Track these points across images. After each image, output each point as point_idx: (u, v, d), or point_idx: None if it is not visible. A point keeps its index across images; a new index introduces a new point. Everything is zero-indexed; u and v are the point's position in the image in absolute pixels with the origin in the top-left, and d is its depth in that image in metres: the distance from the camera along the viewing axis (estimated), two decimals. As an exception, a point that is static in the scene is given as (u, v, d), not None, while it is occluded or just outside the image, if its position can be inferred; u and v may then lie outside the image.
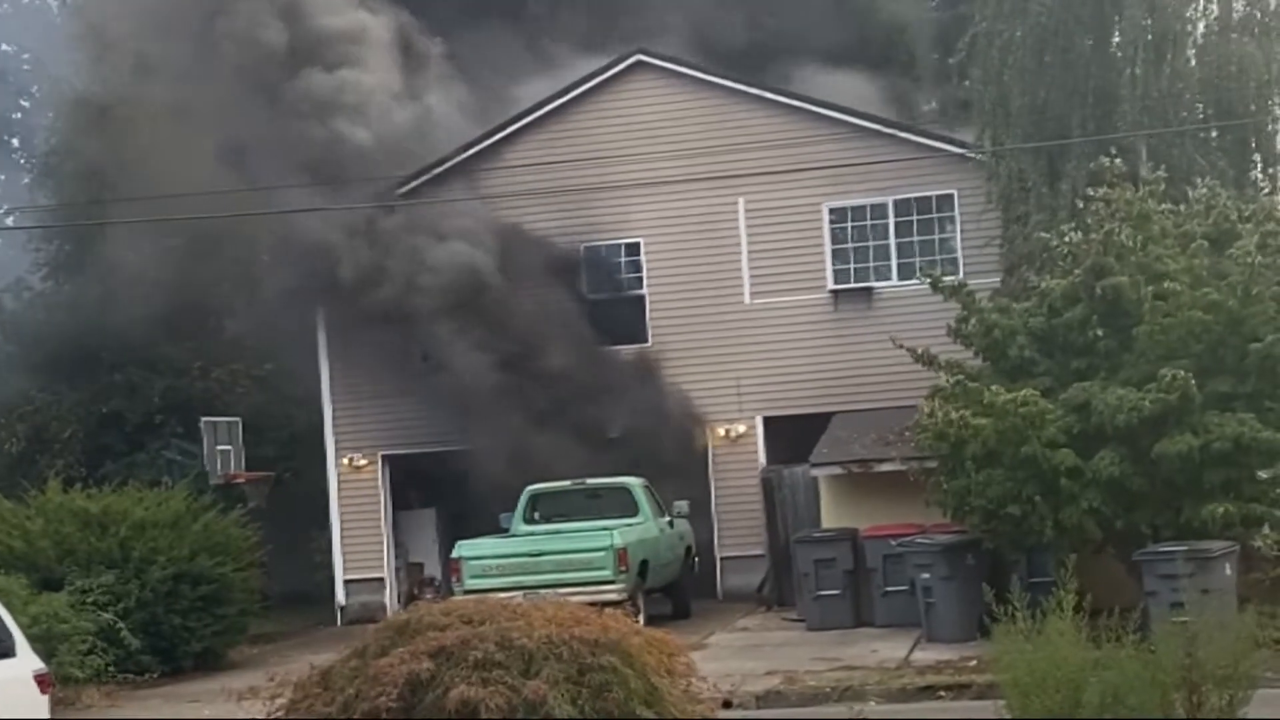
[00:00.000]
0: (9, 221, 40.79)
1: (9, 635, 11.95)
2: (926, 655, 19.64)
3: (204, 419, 29.40)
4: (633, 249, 28.56)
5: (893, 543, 22.25)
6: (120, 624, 22.01)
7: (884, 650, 20.24)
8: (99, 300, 31.40)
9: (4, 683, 11.48)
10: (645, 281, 28.46)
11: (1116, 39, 24.55)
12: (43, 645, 17.26)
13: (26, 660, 11.99)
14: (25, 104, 44.22)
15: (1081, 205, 21.97)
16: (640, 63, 28.69)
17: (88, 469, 29.97)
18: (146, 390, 31.88)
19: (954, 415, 19.68)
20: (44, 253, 34.61)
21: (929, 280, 21.96)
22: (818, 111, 27.76)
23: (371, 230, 27.75)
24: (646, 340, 28.28)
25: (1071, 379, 20.20)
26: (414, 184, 28.86)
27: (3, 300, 34.45)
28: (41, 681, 11.94)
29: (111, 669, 21.53)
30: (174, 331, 31.30)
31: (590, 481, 25.30)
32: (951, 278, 22.48)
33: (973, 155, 26.07)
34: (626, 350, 27.99)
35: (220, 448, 28.94)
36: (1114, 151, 21.60)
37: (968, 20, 27.01)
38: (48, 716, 12.09)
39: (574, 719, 8.58)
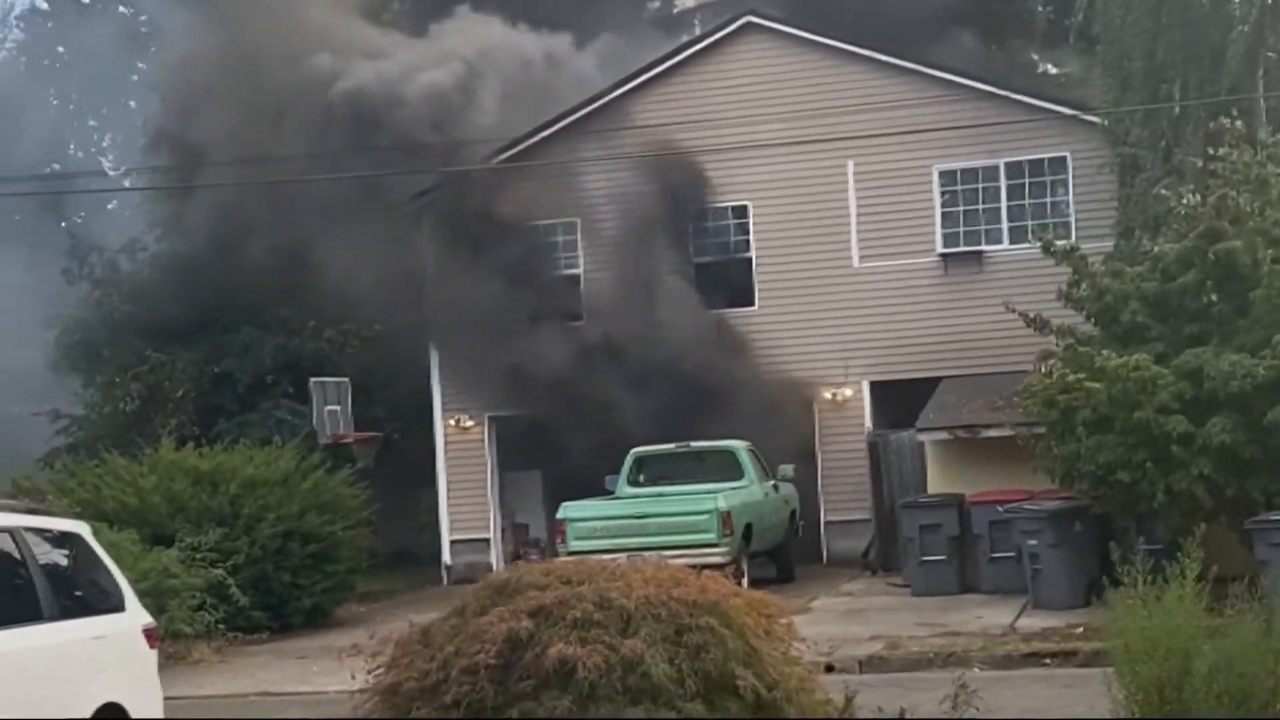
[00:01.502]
0: (125, 183, 41.42)
1: (118, 589, 12.08)
2: (1032, 622, 19.44)
3: (313, 379, 29.65)
4: (740, 212, 28.43)
5: (1000, 509, 22.02)
6: (230, 580, 22.26)
7: (989, 617, 20.05)
8: (212, 261, 31.72)
9: (112, 636, 11.60)
10: (753, 244, 28.33)
11: (1236, -1, 24.02)
12: (153, 601, 17.49)
13: (135, 614, 12.11)
14: (142, 66, 44.80)
15: (1200, 166, 21.55)
16: (750, 24, 28.52)
17: (200, 428, 30.31)
18: (258, 350, 32.18)
19: (1065, 380, 19.42)
20: (158, 213, 35.00)
21: (1041, 243, 21.65)
22: (928, 73, 27.47)
23: (482, 189, 27.87)
24: (753, 304, 28.16)
25: (1184, 345, 19.85)
26: (526, 144, 28.88)
27: (119, 261, 34.89)
28: (149, 636, 12.07)
29: (221, 625, 21.75)
30: (286, 292, 31.55)
31: (695, 444, 25.24)
32: (1064, 241, 22.15)
33: (1087, 117, 25.65)
34: (733, 313, 27.87)
35: (329, 408, 29.19)
36: (1234, 113, 21.16)
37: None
38: (155, 670, 12.20)
39: (671, 678, 8.54)
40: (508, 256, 27.98)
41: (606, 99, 28.80)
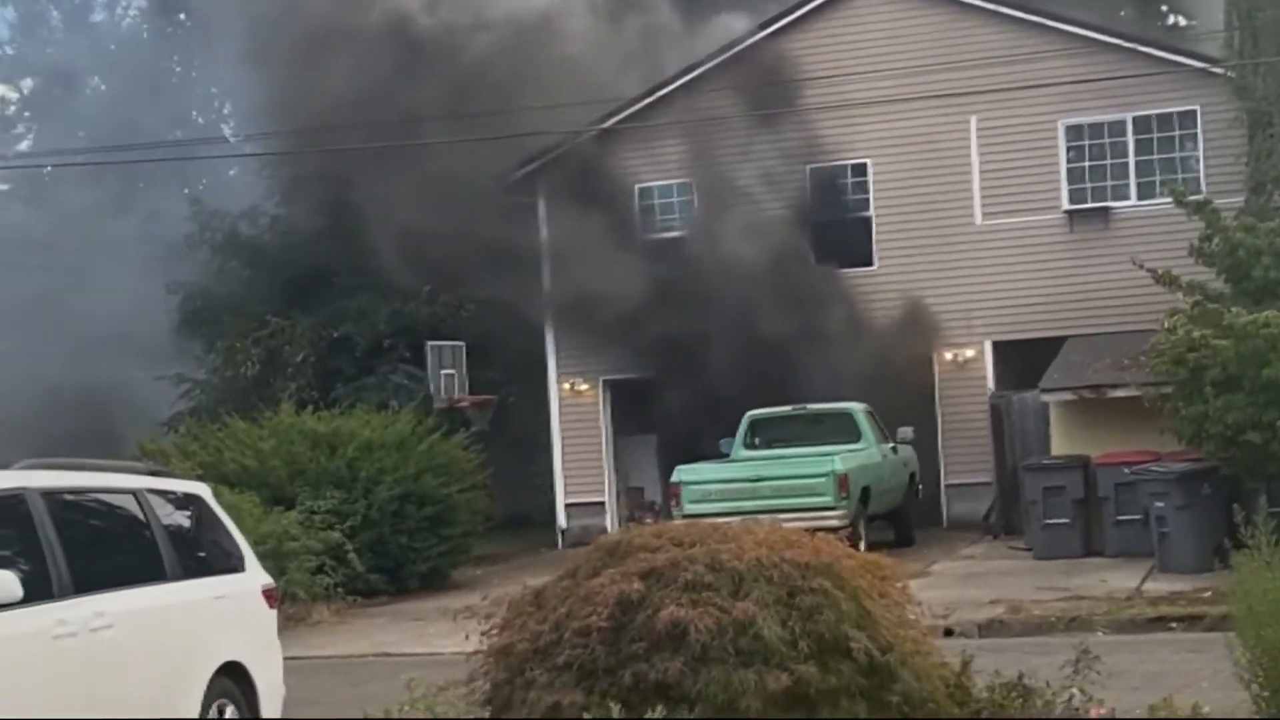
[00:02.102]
0: (246, 149, 41.74)
1: (238, 550, 12.14)
2: (1158, 586, 18.99)
3: (430, 343, 29.75)
4: (859, 170, 28.06)
5: (1126, 470, 21.55)
6: (348, 544, 22.36)
7: (1113, 580, 19.62)
8: (330, 226, 31.93)
9: (234, 596, 11.66)
10: (872, 203, 27.95)
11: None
12: (272, 563, 17.58)
13: (255, 575, 12.17)
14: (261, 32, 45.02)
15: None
16: (870, -22, 28.11)
17: (319, 392, 30.55)
18: (374, 315, 32.36)
19: (1193, 337, 18.94)
20: (278, 179, 35.24)
21: (1172, 195, 21.11)
22: (1053, 25, 26.91)
23: (596, 151, 27.76)
24: (873, 263, 27.80)
25: (1318, 302, 19.31)
26: (640, 104, 28.70)
27: (240, 226, 35.20)
28: (269, 596, 12.11)
29: (339, 588, 21.89)
30: (402, 257, 31.64)
31: (812, 407, 24.97)
32: (1194, 195, 21.60)
33: (1217, 70, 24.97)
34: (851, 273, 27.53)
35: (445, 372, 29.27)
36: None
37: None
38: (275, 630, 12.25)
39: (783, 641, 8.37)
40: (621, 218, 27.84)
41: (722, 58, 28.48)
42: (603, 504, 29.22)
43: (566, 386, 29.40)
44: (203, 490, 12.34)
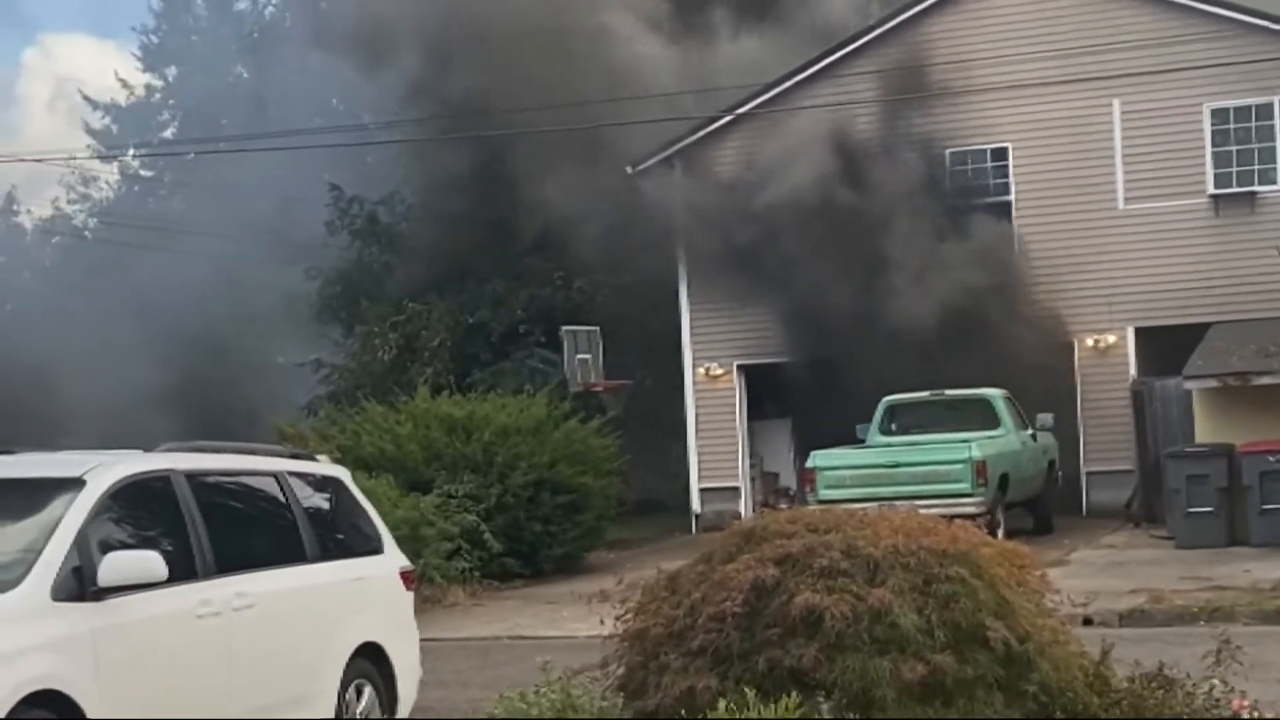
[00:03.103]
0: (380, 136, 42.16)
1: (376, 533, 12.26)
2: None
3: (565, 328, 29.87)
4: (1000, 154, 27.75)
5: (1271, 459, 21.17)
6: (484, 527, 22.49)
7: (1257, 571, 19.22)
8: (467, 213, 32.15)
9: (372, 578, 11.78)
10: (1013, 188, 27.64)
11: None
12: (409, 547, 17.69)
13: (393, 557, 12.29)
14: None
15: None
16: (1011, -39, 27.75)
17: (455, 377, 30.76)
18: (511, 301, 32.54)
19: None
20: (416, 166, 35.53)
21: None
22: (1199, 8, 26.37)
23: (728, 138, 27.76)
24: (1013, 248, 27.46)
25: None
26: (778, 89, 28.59)
27: (378, 213, 35.56)
28: (406, 578, 12.22)
29: (475, 571, 22.01)
30: (540, 243, 31.83)
31: (949, 393, 24.73)
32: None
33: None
34: (995, 258, 27.21)
35: (580, 356, 29.39)
36: None
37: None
38: (412, 612, 12.36)
39: (919, 629, 8.29)
40: (760, 203, 27.75)
41: (866, 38, 28.32)
42: (737, 489, 29.19)
43: (701, 371, 29.41)
44: (342, 473, 12.45)
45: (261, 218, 41.25)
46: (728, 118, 29.01)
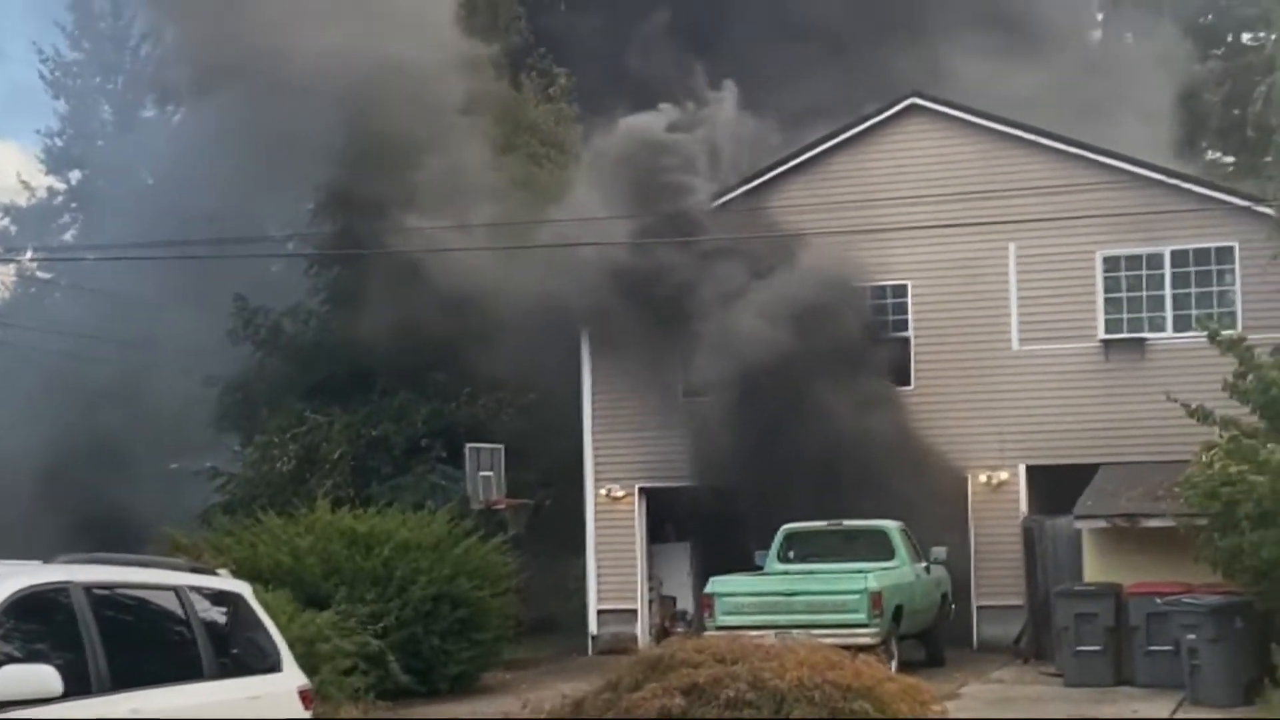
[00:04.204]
0: (289, 246, 42.19)
1: (276, 651, 12.24)
2: (1189, 718, 18.97)
3: (469, 445, 29.95)
4: (900, 291, 28.31)
5: (1158, 600, 21.58)
6: (381, 645, 22.35)
7: (1144, 711, 19.61)
8: (372, 326, 32.19)
9: (269, 697, 11.73)
10: (911, 324, 28.19)
11: None
12: (305, 663, 17.57)
13: (292, 675, 12.25)
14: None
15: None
16: (914, 105, 28.48)
17: (354, 489, 30.70)
18: (413, 415, 32.58)
19: (1228, 472, 19.05)
20: (323, 278, 35.64)
21: (1207, 331, 21.30)
22: (1094, 158, 27.21)
23: (639, 260, 28.08)
24: (910, 383, 27.99)
25: (1353, 441, 19.39)
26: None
27: (283, 323, 35.54)
28: (305, 697, 12.20)
29: (370, 691, 21.86)
30: (442, 358, 31.94)
31: (847, 523, 25.08)
32: (1230, 331, 21.78)
33: (1260, 208, 25.22)
34: (891, 392, 27.70)
35: (483, 473, 29.46)
36: None
37: (1254, 69, 26.24)
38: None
39: (825, 763, 8.50)
40: (660, 329, 28.08)
41: (769, 175, 28.92)
42: (635, 611, 29.26)
43: (603, 492, 29.57)
44: (243, 589, 12.44)
45: (162, 324, 41.01)
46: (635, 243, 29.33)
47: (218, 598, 11.81)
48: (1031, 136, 27.70)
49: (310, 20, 31.00)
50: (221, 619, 11.82)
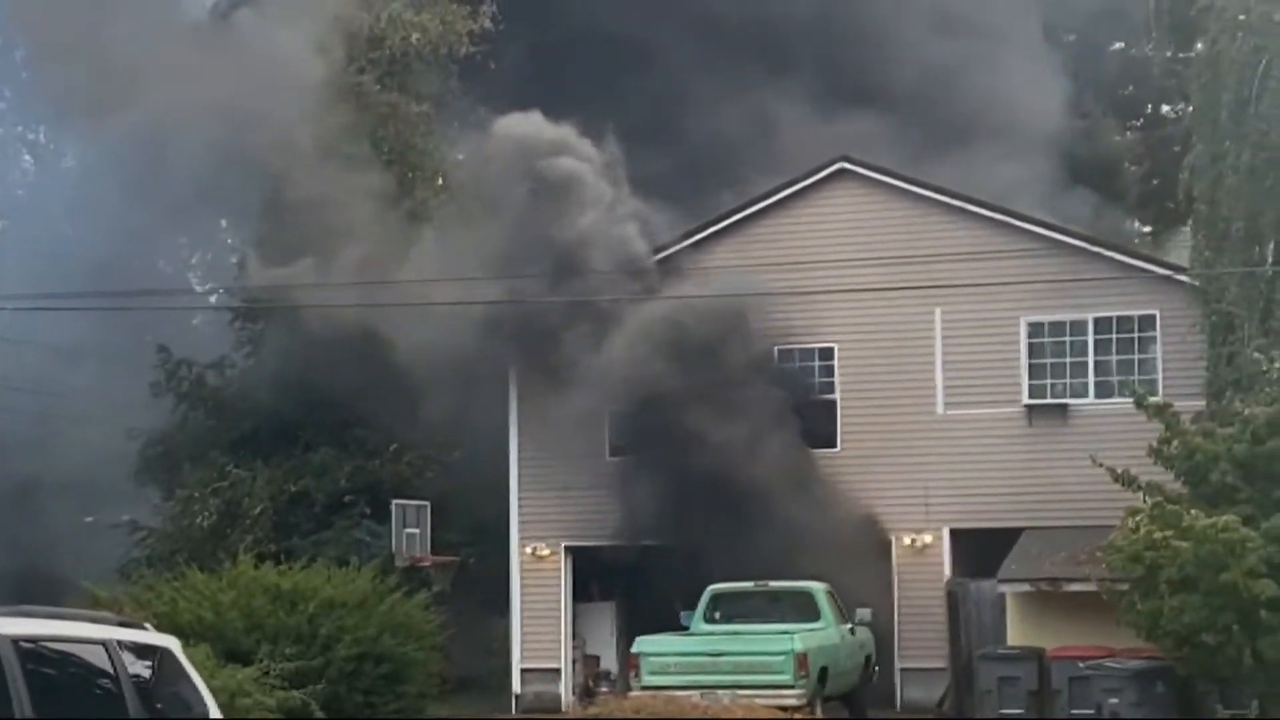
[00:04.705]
0: (212, 300, 41.98)
1: (204, 706, 12.14)
2: (1112, 783, 19.15)
3: (395, 501, 29.82)
4: (826, 354, 28.52)
5: (1080, 665, 21.82)
6: (303, 697, 22.18)
7: (1068, 775, 19.76)
8: (297, 381, 32.07)
9: (195, 753, 11.62)
10: (838, 387, 28.38)
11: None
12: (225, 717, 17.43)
13: (217, 731, 12.14)
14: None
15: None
16: (843, 170, 28.77)
17: (276, 544, 30.48)
18: (336, 470, 32.43)
19: (1151, 537, 19.31)
20: (247, 331, 35.45)
21: (1133, 398, 21.63)
22: (1019, 225, 27.58)
23: (568, 323, 28.14)
24: (836, 445, 28.15)
25: (1274, 509, 19.78)
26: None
27: (206, 376, 35.31)
28: (231, 753, 12.08)
29: (292, 749, 21.72)
30: (368, 414, 31.85)
31: (773, 584, 25.16)
32: (1154, 398, 22.11)
33: (1180, 277, 25.63)
34: (816, 454, 27.85)
35: (408, 530, 29.32)
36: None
37: (1172, 140, 26.74)
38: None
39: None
40: (583, 389, 28.13)
41: (697, 237, 29.09)
42: (559, 670, 29.16)
43: (528, 551, 29.49)
44: (172, 643, 12.33)
45: (83, 376, 40.63)
46: (565, 300, 29.38)
47: (146, 652, 11.69)
48: (958, 203, 28.05)
49: (176, 73, 31.15)
50: (150, 674, 11.70)
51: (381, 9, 34.04)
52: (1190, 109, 26.70)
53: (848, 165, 28.80)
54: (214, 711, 12.27)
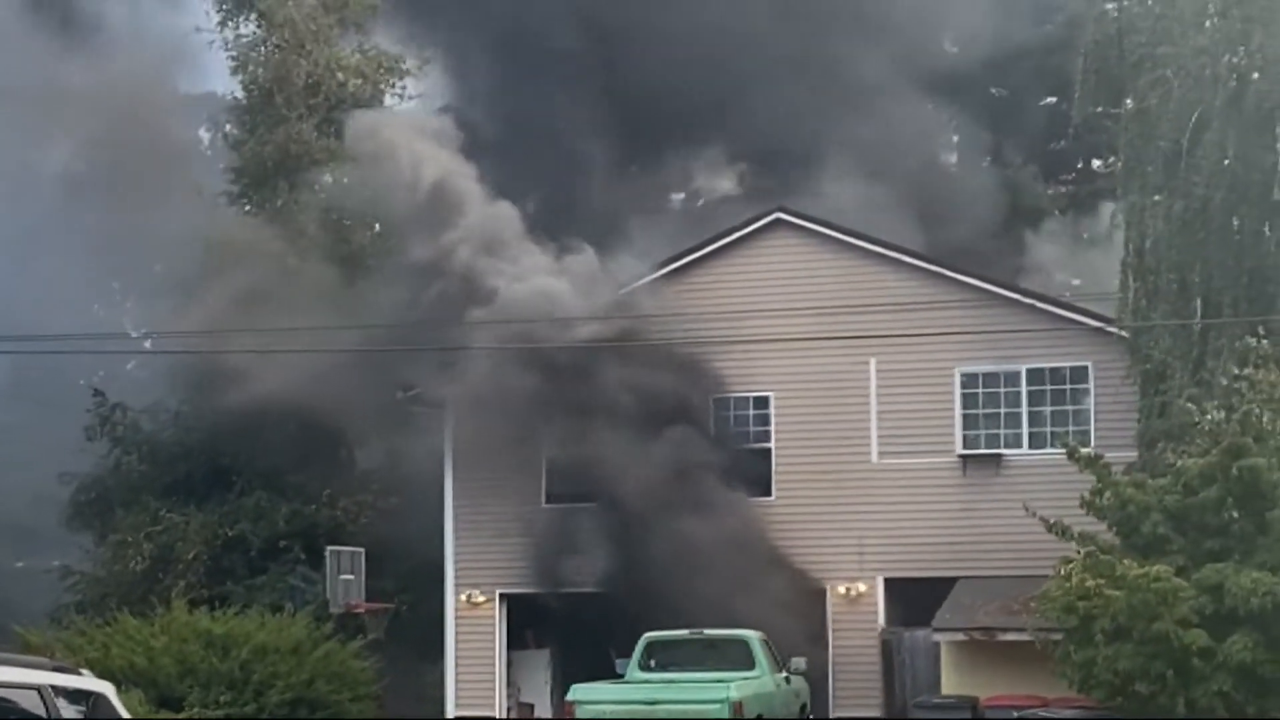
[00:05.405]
0: (147, 345, 41.74)
1: (137, 751, 12.05)
2: (1046, 832, 19.26)
3: (330, 548, 29.69)
4: (762, 403, 28.65)
5: (1015, 713, 21.96)
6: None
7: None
8: (232, 426, 31.94)
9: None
10: (773, 435, 28.50)
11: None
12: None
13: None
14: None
15: (1225, 384, 21.74)
16: (779, 220, 28.99)
17: (209, 589, 30.27)
18: (272, 515, 32.28)
19: (1085, 586, 19.49)
20: (182, 377, 35.25)
21: (1066, 450, 21.85)
22: (954, 277, 27.84)
23: (499, 369, 28.17)
24: (771, 494, 28.26)
25: (1205, 559, 20.00)
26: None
27: (140, 421, 35.10)
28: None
29: (226, 793, 21.59)
30: (304, 459, 31.75)
31: (708, 632, 25.14)
32: (1087, 449, 22.34)
33: (1112, 329, 25.94)
34: (750, 503, 27.95)
35: (343, 577, 29.17)
36: (1262, 333, 21.44)
37: (1107, 193, 27.09)
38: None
39: None
40: (522, 436, 28.16)
41: (633, 285, 29.17)
42: (492, 718, 29.01)
43: (463, 598, 29.40)
44: (106, 689, 12.27)
45: (14, 417, 40.33)
46: (495, 347, 29.39)
47: (80, 697, 11.62)
48: (894, 254, 28.28)
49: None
50: (83, 719, 11.62)
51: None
52: (1119, 162, 27.01)
53: (783, 215, 29.02)
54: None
